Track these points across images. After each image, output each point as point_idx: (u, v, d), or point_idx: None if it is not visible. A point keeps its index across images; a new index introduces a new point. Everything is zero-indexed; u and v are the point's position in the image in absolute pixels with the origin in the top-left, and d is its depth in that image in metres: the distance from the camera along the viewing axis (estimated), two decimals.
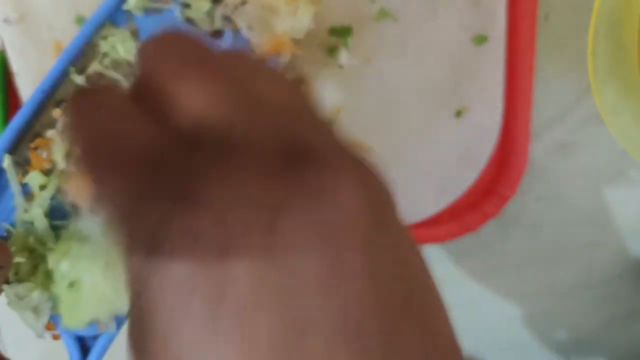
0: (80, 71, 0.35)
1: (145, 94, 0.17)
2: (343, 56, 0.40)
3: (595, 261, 0.48)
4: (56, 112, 0.35)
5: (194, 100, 0.16)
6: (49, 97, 0.35)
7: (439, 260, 0.48)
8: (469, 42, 0.42)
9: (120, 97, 0.17)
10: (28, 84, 0.39)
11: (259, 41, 0.35)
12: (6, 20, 0.38)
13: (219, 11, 0.35)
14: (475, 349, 0.51)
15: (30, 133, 0.35)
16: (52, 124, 0.35)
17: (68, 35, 0.39)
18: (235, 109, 0.16)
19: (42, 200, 0.35)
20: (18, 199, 0.35)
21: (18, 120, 0.35)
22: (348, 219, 0.15)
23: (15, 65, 0.39)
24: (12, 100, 0.40)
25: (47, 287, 0.35)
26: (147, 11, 0.36)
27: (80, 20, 0.39)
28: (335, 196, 0.15)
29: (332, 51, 0.40)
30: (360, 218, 0.15)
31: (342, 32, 0.40)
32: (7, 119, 0.39)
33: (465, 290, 0.49)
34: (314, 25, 0.36)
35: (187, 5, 0.35)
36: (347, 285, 0.14)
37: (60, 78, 0.35)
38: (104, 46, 0.35)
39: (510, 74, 0.43)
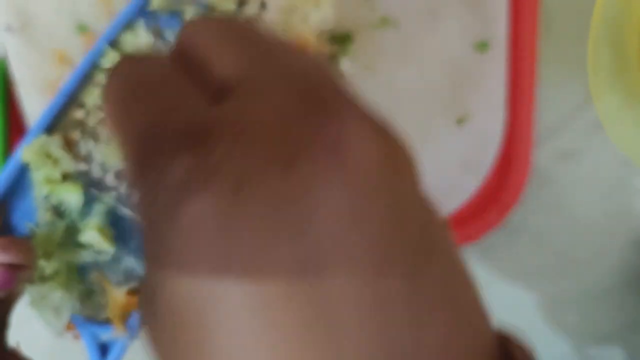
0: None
1: (182, 59, 0.19)
2: (344, 64, 0.40)
3: (600, 270, 0.48)
4: (79, 113, 0.36)
5: (224, 61, 0.18)
6: (71, 99, 0.36)
7: None
8: (470, 49, 0.41)
9: (162, 62, 0.19)
10: (29, 92, 0.39)
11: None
12: (8, 29, 0.39)
13: (243, 14, 0.35)
14: None
15: (55, 134, 0.35)
16: (75, 125, 0.36)
17: (69, 43, 0.39)
18: (260, 68, 0.18)
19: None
20: (39, 199, 0.35)
21: (42, 121, 0.35)
22: (367, 165, 0.16)
23: (17, 73, 0.39)
24: (12, 108, 0.40)
25: (69, 287, 0.35)
26: (172, 13, 0.36)
27: (82, 28, 0.39)
28: (355, 143, 0.16)
29: (332, 59, 0.40)
30: (378, 165, 0.16)
31: (342, 40, 0.40)
32: (6, 125, 0.39)
33: None
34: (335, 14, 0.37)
35: (211, 8, 0.35)
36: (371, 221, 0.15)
37: (84, 80, 0.35)
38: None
39: (513, 81, 0.42)
